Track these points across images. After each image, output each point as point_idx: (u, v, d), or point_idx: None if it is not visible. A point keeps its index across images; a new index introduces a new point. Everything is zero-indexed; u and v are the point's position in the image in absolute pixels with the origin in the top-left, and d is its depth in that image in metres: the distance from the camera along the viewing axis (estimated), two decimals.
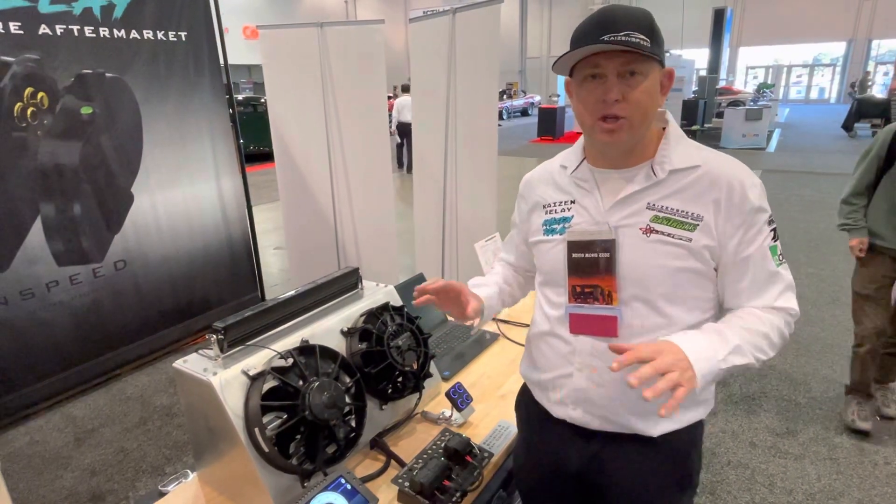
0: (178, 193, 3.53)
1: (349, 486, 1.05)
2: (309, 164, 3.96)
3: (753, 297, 0.97)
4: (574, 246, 1.02)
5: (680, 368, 0.82)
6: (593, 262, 1.00)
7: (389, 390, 1.39)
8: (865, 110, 12.89)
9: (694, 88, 14.28)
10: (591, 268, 1.00)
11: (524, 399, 1.24)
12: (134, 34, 3.17)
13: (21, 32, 2.69)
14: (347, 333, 1.37)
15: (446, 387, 1.49)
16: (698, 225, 0.94)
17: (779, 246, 0.97)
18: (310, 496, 1.01)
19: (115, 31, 3.07)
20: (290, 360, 1.18)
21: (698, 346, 0.87)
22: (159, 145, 3.38)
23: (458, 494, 1.16)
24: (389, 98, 10.65)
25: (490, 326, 2.01)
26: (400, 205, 4.15)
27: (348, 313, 1.40)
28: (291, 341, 1.24)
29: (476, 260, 2.16)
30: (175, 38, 3.38)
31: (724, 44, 15.23)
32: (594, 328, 1.01)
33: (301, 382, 1.15)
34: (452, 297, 1.13)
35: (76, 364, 3.11)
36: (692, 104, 12.68)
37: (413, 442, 1.39)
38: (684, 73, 13.30)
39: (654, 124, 0.99)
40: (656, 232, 0.95)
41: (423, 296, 1.12)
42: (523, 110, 23.31)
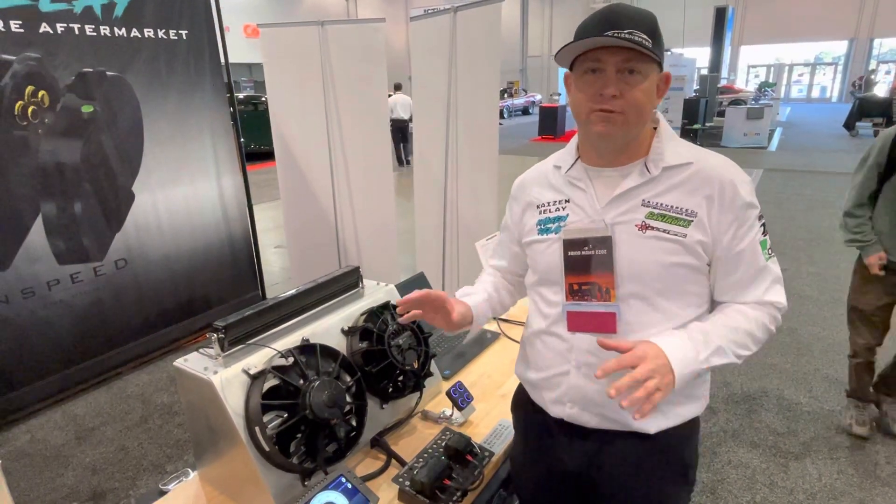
0: (179, 192, 3.53)
1: (350, 485, 1.05)
2: (309, 163, 3.96)
3: (743, 290, 0.99)
4: (570, 244, 1.02)
5: (660, 374, 0.87)
6: (590, 260, 1.00)
7: (390, 389, 1.39)
8: (867, 109, 12.88)
9: (695, 87, 14.24)
10: (588, 265, 1.01)
11: (520, 400, 1.23)
12: (135, 32, 3.17)
13: (22, 31, 2.69)
14: (348, 332, 1.37)
15: (447, 386, 1.49)
16: (692, 221, 0.95)
17: (768, 240, 1.00)
18: (310, 495, 1.01)
19: (115, 29, 3.07)
20: (291, 359, 1.18)
21: (680, 349, 0.91)
22: (160, 144, 3.38)
23: (459, 494, 1.16)
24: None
25: (491, 325, 2.01)
26: (400, 203, 4.15)
27: (349, 312, 1.40)
28: (292, 340, 1.24)
29: (477, 259, 2.16)
30: (176, 37, 3.38)
31: (725, 42, 15.20)
32: (592, 325, 1.01)
33: (302, 381, 1.15)
34: (437, 307, 1.10)
35: (77, 362, 3.11)
36: (693, 103, 12.64)
37: (413, 441, 1.39)
38: (685, 72, 13.26)
39: (647, 126, 1.01)
40: (652, 228, 0.96)
41: (408, 311, 1.08)
42: (524, 109, 23.29)
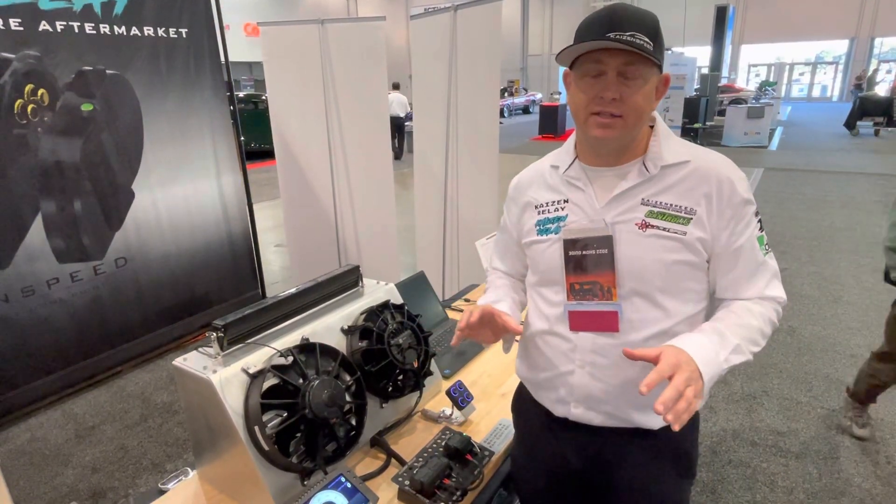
0: (179, 191, 3.53)
1: (349, 485, 1.05)
2: (310, 162, 3.95)
3: (743, 286, 1.00)
4: (571, 244, 1.02)
5: (693, 381, 0.84)
6: (591, 259, 1.00)
7: (390, 388, 1.39)
8: (868, 108, 12.87)
9: (696, 86, 14.22)
10: (589, 265, 1.01)
11: (522, 399, 1.23)
12: (134, 31, 3.16)
13: (21, 29, 2.69)
14: (348, 331, 1.36)
15: (447, 385, 1.49)
16: (692, 219, 0.96)
17: (765, 236, 1.01)
18: (310, 494, 1.01)
19: (115, 27, 3.07)
20: (291, 359, 1.18)
21: (705, 353, 0.89)
22: (160, 142, 3.38)
23: (459, 493, 1.16)
24: None
25: None
26: (398, 197, 4.14)
27: (349, 311, 1.40)
28: (292, 339, 1.24)
29: (477, 258, 2.16)
30: (176, 35, 3.37)
31: (726, 41, 15.17)
32: (595, 324, 1.01)
33: (301, 380, 1.15)
34: (486, 321, 1.05)
35: (77, 361, 3.11)
36: (694, 102, 12.61)
37: (413, 440, 1.39)
38: (686, 71, 13.25)
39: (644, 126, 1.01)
40: (652, 227, 0.97)
41: (465, 331, 1.04)
42: (525, 108, 23.28)
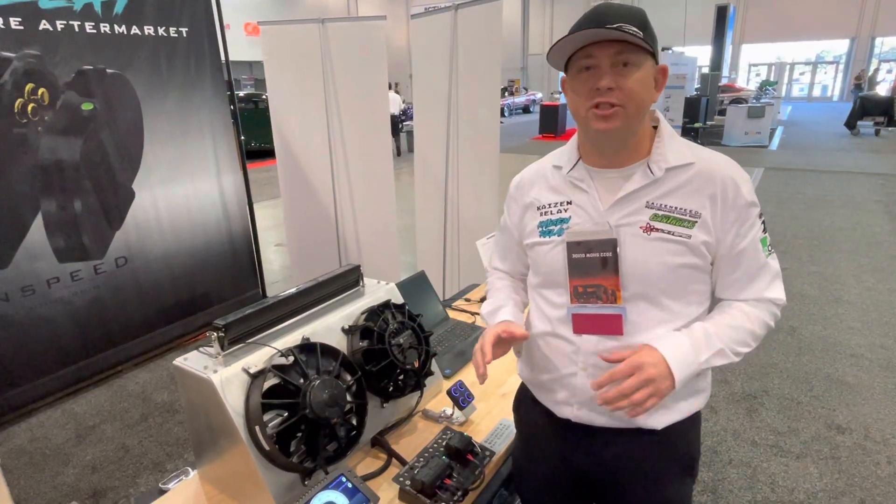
0: (179, 190, 3.53)
1: (350, 485, 1.05)
2: (310, 161, 3.95)
3: (745, 287, 1.00)
4: (574, 247, 1.02)
5: (656, 381, 0.89)
6: (595, 262, 1.00)
7: (390, 388, 1.38)
8: (868, 108, 12.86)
9: (696, 86, 14.21)
10: (593, 268, 1.00)
11: (523, 400, 1.23)
12: (135, 30, 3.16)
13: (21, 28, 2.68)
14: (349, 331, 1.36)
15: (447, 385, 1.48)
16: (696, 222, 0.95)
17: (768, 238, 1.01)
18: (311, 494, 1.01)
19: (115, 27, 3.06)
20: (291, 358, 1.18)
21: (680, 352, 0.93)
22: (160, 142, 3.37)
23: (460, 493, 1.16)
24: None
25: None
26: (400, 201, 4.14)
27: (349, 311, 1.40)
28: (292, 339, 1.24)
29: (477, 257, 2.15)
30: (176, 35, 3.37)
31: (726, 41, 15.15)
32: (598, 327, 1.01)
33: (302, 380, 1.15)
34: (497, 346, 1.05)
35: (77, 360, 3.11)
36: (694, 101, 12.60)
37: (414, 440, 1.39)
38: (686, 71, 13.23)
39: (647, 123, 1.00)
40: (657, 230, 0.96)
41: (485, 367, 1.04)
42: (525, 107, 23.28)
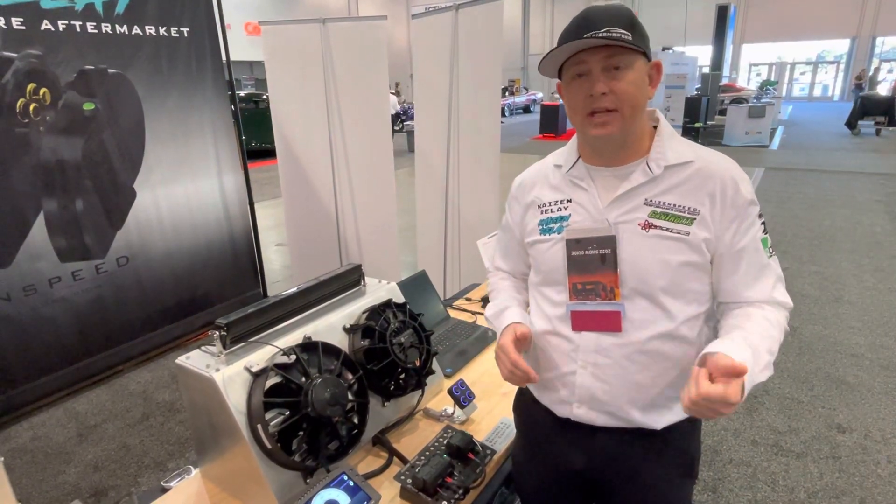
0: (180, 190, 3.53)
1: (351, 483, 1.05)
2: (311, 161, 3.96)
3: (747, 288, 0.98)
4: (573, 244, 1.02)
5: (737, 399, 0.80)
6: (594, 259, 1.00)
7: (392, 387, 1.39)
8: (869, 108, 12.85)
9: (697, 86, 14.20)
10: (592, 265, 1.01)
11: (523, 400, 1.23)
12: (136, 30, 3.16)
13: (23, 28, 2.69)
14: (350, 330, 1.37)
15: (449, 384, 1.49)
16: (695, 219, 0.95)
17: (769, 238, 1.00)
18: (312, 493, 1.01)
19: (116, 26, 3.07)
20: (293, 357, 1.18)
21: (748, 381, 0.84)
22: (161, 142, 3.38)
23: (461, 492, 1.16)
24: None
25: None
26: (401, 200, 4.14)
27: (351, 310, 1.40)
28: (294, 338, 1.24)
29: (478, 256, 2.16)
30: (177, 35, 3.37)
31: (727, 41, 15.13)
32: (597, 324, 1.01)
33: (304, 379, 1.15)
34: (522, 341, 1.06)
35: (79, 360, 3.12)
36: (695, 101, 12.59)
37: (415, 439, 1.39)
38: (687, 70, 13.23)
39: (645, 122, 1.01)
40: (655, 227, 0.97)
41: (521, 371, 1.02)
42: (525, 107, 23.24)
